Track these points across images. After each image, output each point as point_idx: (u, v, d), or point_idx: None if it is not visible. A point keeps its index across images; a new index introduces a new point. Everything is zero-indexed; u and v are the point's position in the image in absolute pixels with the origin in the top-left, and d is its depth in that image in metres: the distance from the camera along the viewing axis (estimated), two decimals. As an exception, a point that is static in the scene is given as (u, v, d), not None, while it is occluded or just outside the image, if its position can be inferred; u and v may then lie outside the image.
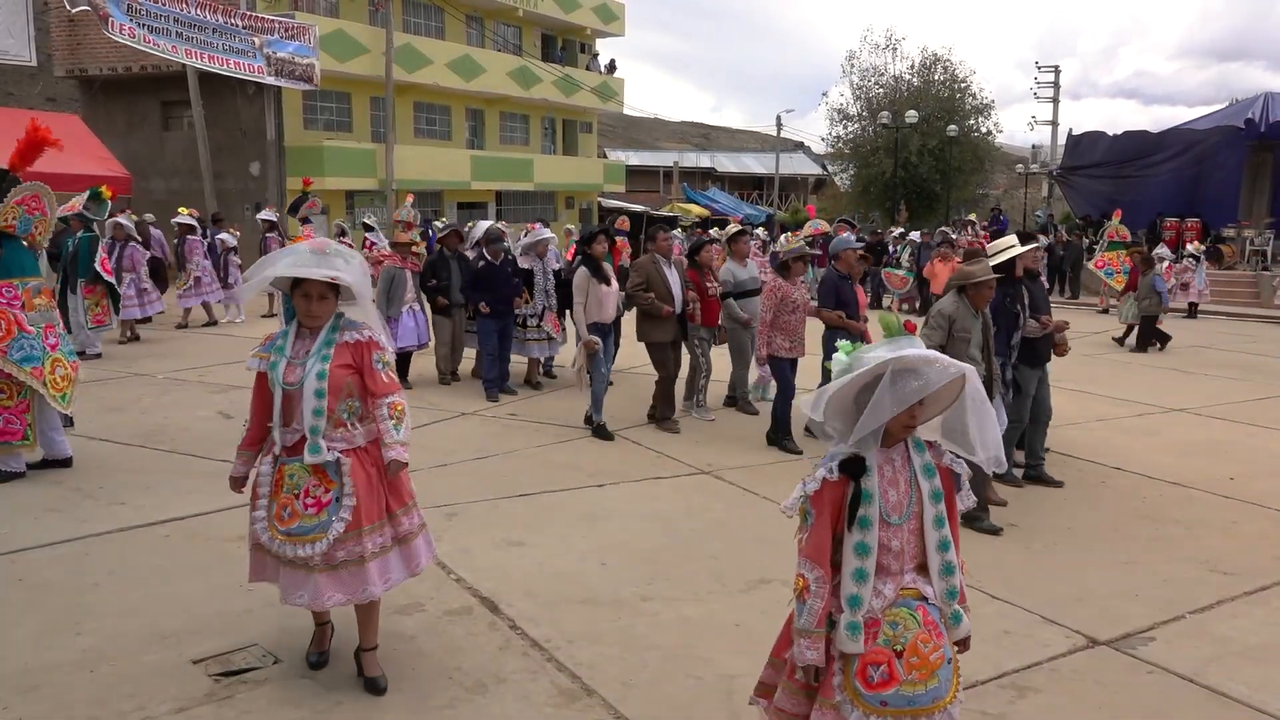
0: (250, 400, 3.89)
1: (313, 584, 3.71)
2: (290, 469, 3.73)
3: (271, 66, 20.21)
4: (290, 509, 3.70)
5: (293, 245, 3.82)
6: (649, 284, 8.24)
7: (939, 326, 5.96)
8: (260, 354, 3.82)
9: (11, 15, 14.87)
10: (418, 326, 10.11)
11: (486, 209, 29.00)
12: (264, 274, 3.69)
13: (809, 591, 2.87)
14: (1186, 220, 25.16)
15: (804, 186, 54.67)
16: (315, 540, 3.66)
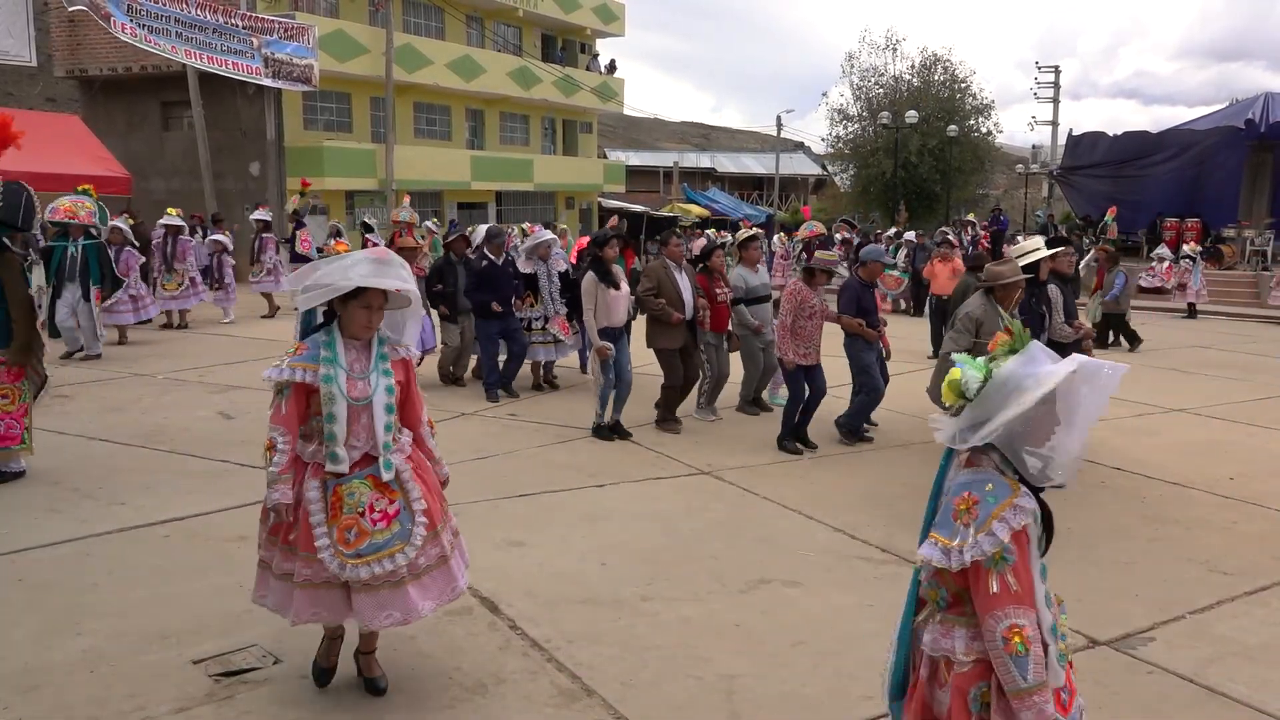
0: (276, 412, 3.60)
1: (403, 598, 3.61)
2: (349, 487, 3.56)
3: (270, 67, 20.21)
4: (356, 529, 3.54)
5: (353, 254, 3.64)
6: (659, 289, 8.16)
7: (966, 330, 5.87)
8: (301, 364, 3.57)
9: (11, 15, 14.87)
10: (423, 330, 9.98)
11: (486, 209, 29.00)
12: (334, 284, 3.50)
13: (1032, 640, 2.48)
14: (1186, 220, 25.17)
15: (804, 187, 54.67)
16: (395, 553, 3.57)
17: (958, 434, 2.62)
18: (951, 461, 2.73)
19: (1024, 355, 2.61)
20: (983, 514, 2.51)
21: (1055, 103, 47.80)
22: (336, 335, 3.62)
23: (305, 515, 3.56)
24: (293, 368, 3.56)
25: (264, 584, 3.75)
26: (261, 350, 12.38)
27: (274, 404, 3.61)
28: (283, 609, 3.69)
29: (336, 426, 3.54)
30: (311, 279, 3.55)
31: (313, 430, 3.61)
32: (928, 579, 2.70)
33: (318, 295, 3.55)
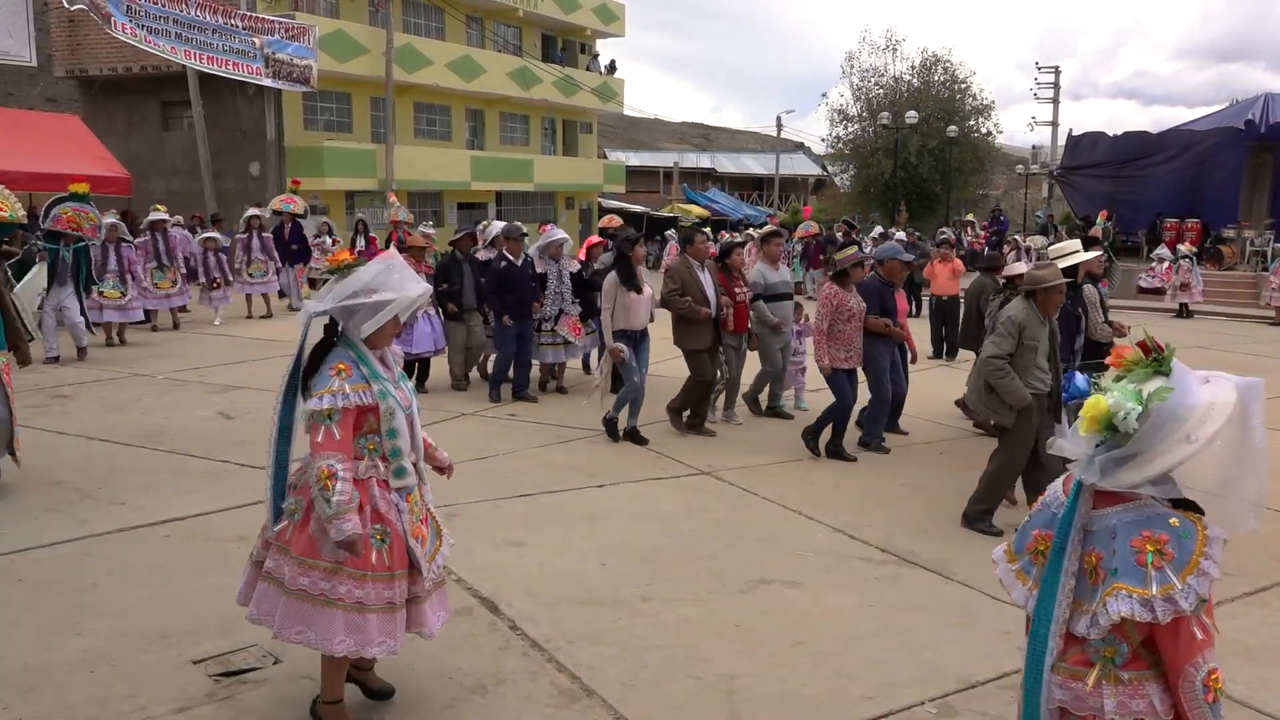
0: (327, 439, 3.32)
1: (444, 597, 3.71)
2: (412, 498, 3.54)
3: (270, 68, 20.22)
4: (421, 536, 3.55)
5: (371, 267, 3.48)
6: (684, 288, 8.02)
7: (1009, 334, 5.76)
8: (357, 386, 3.37)
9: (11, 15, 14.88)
10: (434, 331, 9.78)
11: (487, 209, 29.00)
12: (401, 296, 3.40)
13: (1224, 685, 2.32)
14: (1186, 221, 25.15)
15: (804, 187, 54.68)
16: (436, 554, 3.63)
17: (1109, 471, 2.34)
18: (1081, 498, 2.43)
19: (1178, 379, 2.33)
20: (1181, 554, 2.26)
21: (1055, 103, 47.78)
22: (361, 348, 3.45)
23: (396, 529, 3.45)
24: (355, 391, 3.36)
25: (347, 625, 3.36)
26: (261, 350, 12.38)
27: (320, 432, 3.32)
28: (370, 644, 3.38)
29: (401, 440, 3.45)
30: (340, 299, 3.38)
31: (359, 449, 3.44)
32: (1100, 636, 2.37)
33: (386, 314, 3.40)
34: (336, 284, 3.43)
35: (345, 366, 3.39)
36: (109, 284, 12.26)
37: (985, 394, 5.97)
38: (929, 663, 4.25)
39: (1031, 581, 2.56)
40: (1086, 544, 2.42)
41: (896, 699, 3.94)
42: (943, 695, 3.98)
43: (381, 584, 3.39)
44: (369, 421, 3.43)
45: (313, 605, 3.35)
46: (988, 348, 5.94)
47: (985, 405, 6.06)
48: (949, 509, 6.52)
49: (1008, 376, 5.77)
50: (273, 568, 3.46)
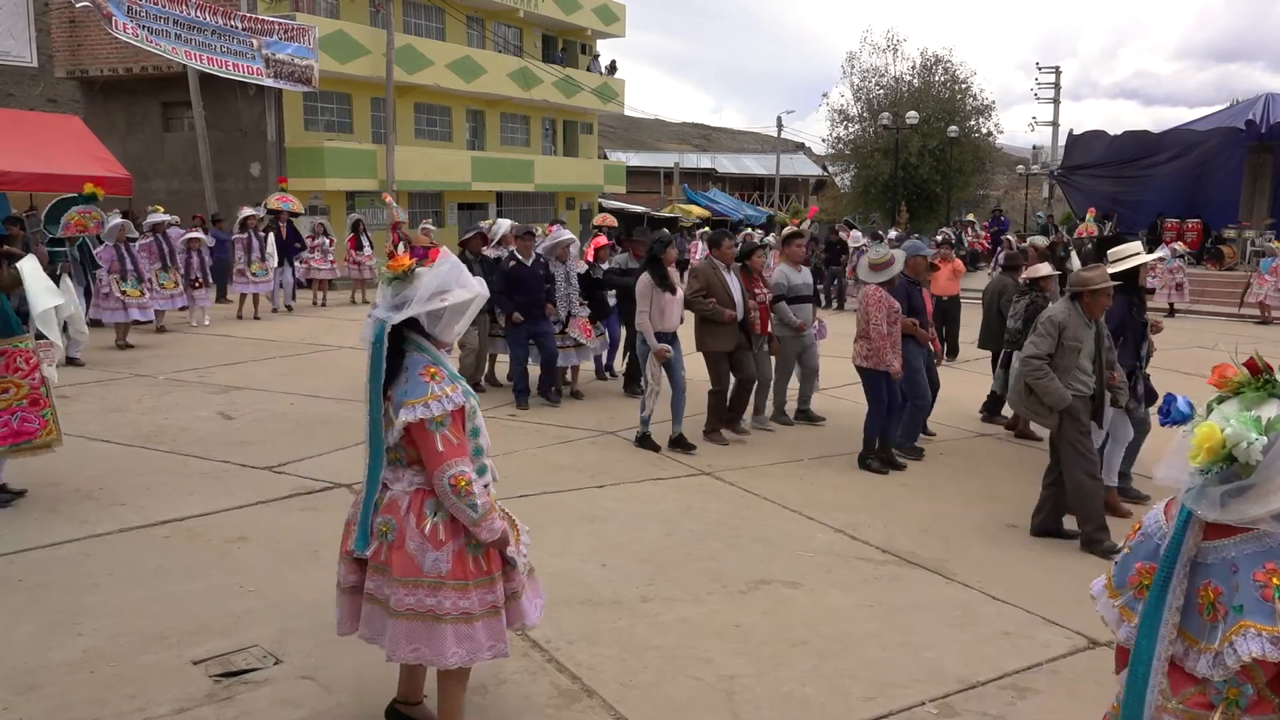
0: (448, 446, 3.22)
1: (535, 585, 3.70)
2: (493, 493, 3.47)
3: (270, 68, 20.21)
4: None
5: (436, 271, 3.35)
6: (708, 290, 7.89)
7: (1048, 334, 5.65)
8: (454, 386, 3.29)
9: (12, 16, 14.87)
10: None
11: (487, 210, 29.01)
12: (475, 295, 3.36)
13: None
14: (1187, 221, 25.16)
15: (804, 188, 54.68)
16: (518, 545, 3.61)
17: (1229, 504, 2.20)
18: (1190, 529, 2.29)
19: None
20: None
21: (1056, 103, 47.78)
22: (432, 348, 3.35)
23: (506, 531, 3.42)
24: (456, 391, 3.26)
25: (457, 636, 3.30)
26: (261, 351, 12.39)
27: (438, 439, 3.20)
28: (481, 651, 3.35)
29: (483, 439, 3.40)
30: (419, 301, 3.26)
31: None
32: (1224, 677, 2.22)
33: (475, 307, 3.39)
34: (404, 289, 3.27)
35: (435, 370, 3.25)
36: (130, 283, 12.32)
37: (1025, 395, 5.84)
38: (929, 663, 4.25)
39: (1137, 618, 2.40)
40: (1199, 577, 2.28)
41: (896, 699, 3.94)
42: (943, 696, 3.98)
43: (484, 589, 3.34)
44: None
45: (422, 623, 3.29)
46: (1027, 348, 5.81)
47: (1025, 406, 5.92)
48: (949, 509, 6.52)
49: (1046, 377, 5.65)
50: (374, 589, 3.41)
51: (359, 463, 7.48)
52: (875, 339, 7.25)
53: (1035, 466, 7.61)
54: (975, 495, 6.87)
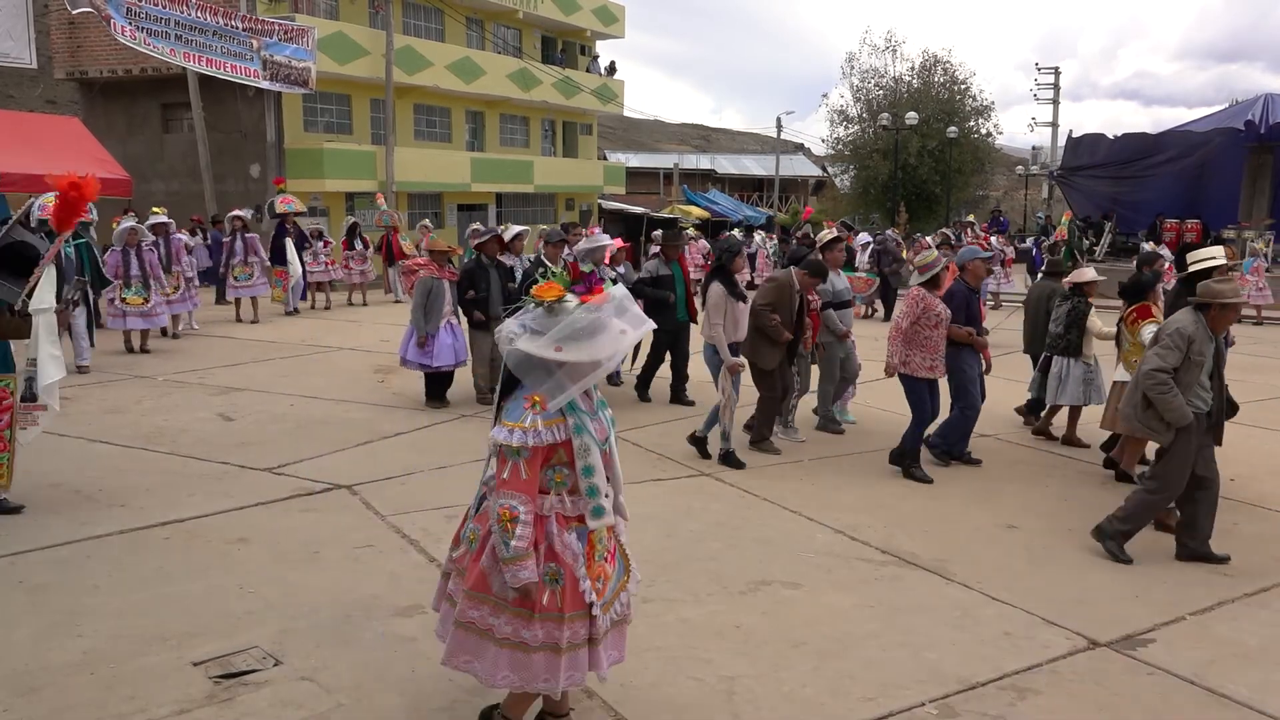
0: (514, 477, 3.14)
1: (621, 636, 3.51)
2: (598, 534, 3.31)
3: (269, 70, 20.21)
4: (603, 575, 3.34)
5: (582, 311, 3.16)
6: (777, 305, 7.58)
7: (1176, 347, 5.32)
8: (552, 420, 3.15)
9: (12, 18, 14.86)
10: (456, 342, 9.25)
11: (487, 211, 29.02)
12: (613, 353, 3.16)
13: None
14: (1187, 221, 25.18)
15: (804, 188, 54.71)
16: (620, 592, 3.43)
17: None
18: None
19: None
20: None
21: (1055, 104, 47.88)
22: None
23: (570, 572, 3.24)
24: (549, 427, 3.13)
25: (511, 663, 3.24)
26: (261, 352, 12.39)
27: (507, 467, 3.14)
28: (535, 681, 3.26)
29: (597, 478, 3.23)
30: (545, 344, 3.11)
31: (546, 482, 3.24)
32: None
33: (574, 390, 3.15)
34: (546, 319, 3.14)
35: (541, 399, 3.14)
36: (132, 290, 11.95)
37: (1142, 409, 5.49)
38: (929, 663, 4.25)
39: None
40: None
41: (897, 700, 3.94)
42: (943, 696, 3.98)
43: (550, 624, 3.22)
44: (559, 454, 3.21)
45: (479, 639, 3.28)
46: (1150, 360, 5.43)
47: (1140, 421, 5.55)
48: (949, 510, 6.52)
49: (1170, 392, 5.31)
50: (452, 590, 3.45)
51: (359, 464, 7.53)
52: (891, 335, 7.13)
53: (1036, 467, 7.62)
54: (975, 495, 6.87)
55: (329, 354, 12.49)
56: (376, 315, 16.90)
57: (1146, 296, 7.45)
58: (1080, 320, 8.11)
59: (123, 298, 11.88)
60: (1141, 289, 7.51)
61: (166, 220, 13.82)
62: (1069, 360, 8.15)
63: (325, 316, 16.55)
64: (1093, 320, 8.14)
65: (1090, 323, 8.12)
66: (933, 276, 7.25)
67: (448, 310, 9.21)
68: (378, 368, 11.45)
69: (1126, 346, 7.45)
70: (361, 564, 5.23)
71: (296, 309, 16.50)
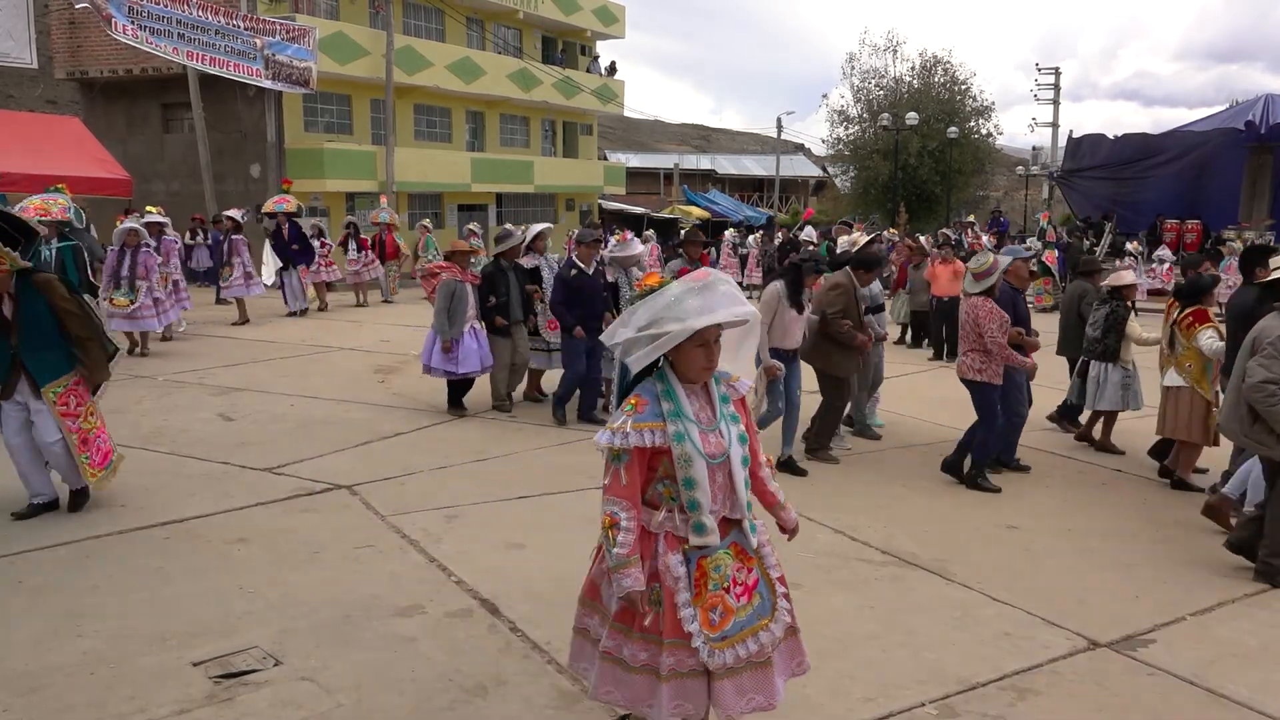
0: (614, 482, 3.03)
1: (766, 680, 3.14)
2: (714, 560, 3.10)
3: (270, 69, 20.22)
4: (721, 607, 3.08)
5: (670, 288, 3.03)
6: (846, 310, 7.38)
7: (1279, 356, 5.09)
8: (646, 424, 3.00)
9: (12, 18, 14.87)
10: (480, 348, 8.87)
11: (487, 211, 29.02)
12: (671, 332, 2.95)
13: None
14: (1187, 222, 25.18)
15: (804, 189, 54.72)
16: (758, 631, 3.13)
17: None
18: None
19: None
20: None
21: (1055, 104, 47.90)
22: (673, 381, 3.08)
23: (670, 596, 3.04)
24: (639, 430, 2.99)
25: (611, 678, 3.14)
26: (261, 352, 12.39)
27: (609, 472, 3.05)
28: (639, 704, 3.11)
29: (698, 492, 3.04)
30: (633, 330, 3.01)
31: (657, 496, 3.09)
32: None
33: (657, 349, 2.99)
34: (640, 308, 3.05)
35: (640, 401, 3.04)
36: (120, 291, 11.67)
37: (1249, 423, 5.27)
38: (929, 664, 4.25)
39: None
40: None
41: (897, 700, 3.94)
42: (943, 697, 3.97)
43: (652, 646, 3.06)
44: (665, 464, 3.06)
45: (591, 645, 3.24)
46: (1256, 371, 5.15)
47: (1249, 436, 5.31)
48: (949, 510, 6.52)
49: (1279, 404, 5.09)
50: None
51: (359, 464, 7.53)
52: (995, 351, 6.85)
53: (1036, 467, 7.61)
54: (975, 496, 6.87)
55: (329, 354, 12.49)
56: (376, 315, 16.90)
57: (1204, 300, 7.12)
58: (1119, 325, 7.94)
59: (111, 299, 11.62)
60: (1199, 291, 7.16)
61: (161, 220, 13.61)
62: (1107, 365, 7.97)
63: (325, 316, 16.55)
64: (1132, 325, 7.96)
65: (1129, 328, 7.94)
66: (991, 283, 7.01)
67: (471, 314, 8.87)
68: (378, 368, 11.45)
69: (1181, 351, 7.10)
70: (361, 564, 5.23)
71: (295, 311, 16.28)
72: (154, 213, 13.79)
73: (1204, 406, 6.96)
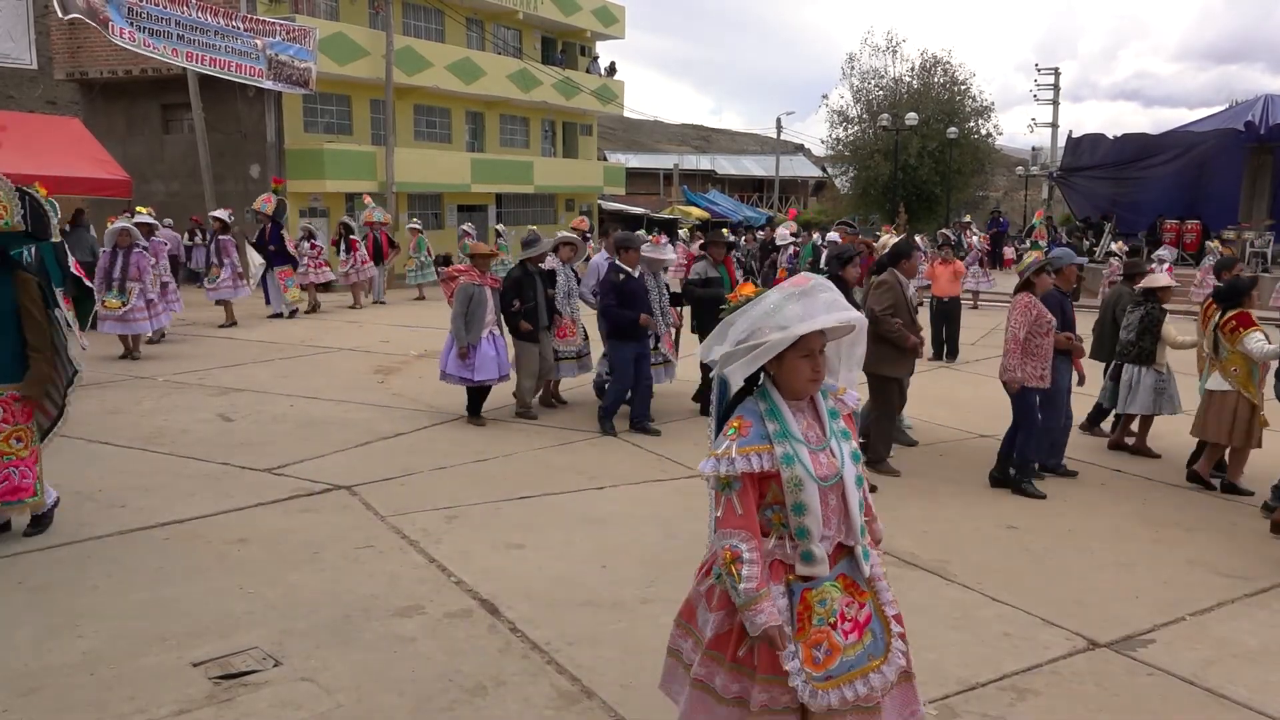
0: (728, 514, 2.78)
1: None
2: (820, 592, 2.82)
3: (271, 70, 20.23)
4: (827, 644, 2.80)
5: (768, 296, 2.83)
6: (897, 309, 7.19)
7: None
8: (753, 447, 2.76)
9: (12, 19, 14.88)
10: (499, 355, 8.58)
11: (487, 212, 29.02)
12: (770, 341, 2.73)
13: None
14: (1186, 222, 25.19)
15: (804, 189, 54.74)
16: (869, 672, 2.85)
17: None
18: None
19: None
20: None
21: (1055, 105, 47.89)
22: (776, 399, 2.84)
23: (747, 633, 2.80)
24: (745, 454, 2.74)
25: (703, 708, 2.92)
26: (261, 353, 12.39)
27: (720, 503, 2.81)
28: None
29: (809, 518, 2.78)
30: (730, 343, 2.82)
31: (765, 522, 2.84)
32: None
33: (757, 358, 2.77)
34: (737, 319, 2.86)
35: (744, 423, 2.80)
36: (112, 293, 11.58)
37: None
38: (929, 664, 4.25)
39: None
40: None
41: (897, 701, 3.93)
42: (943, 697, 3.97)
43: (744, 679, 2.84)
44: (772, 489, 2.81)
45: (682, 667, 3.06)
46: None
47: None
48: (948, 511, 6.52)
49: None
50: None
51: (359, 464, 7.53)
52: (1009, 346, 6.75)
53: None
54: (975, 496, 6.87)
55: (329, 355, 12.49)
56: (376, 316, 16.90)
57: (1243, 302, 6.95)
58: (1154, 327, 7.83)
59: (103, 301, 11.48)
60: (1238, 294, 6.99)
61: (151, 221, 13.39)
62: (1140, 368, 7.86)
63: (324, 317, 16.55)
64: (1168, 328, 7.86)
65: (1165, 330, 7.83)
66: (1030, 281, 6.88)
67: (490, 319, 8.56)
68: (377, 368, 11.45)
69: (1225, 355, 6.93)
70: (361, 564, 5.23)
71: (279, 313, 16.02)
72: (143, 213, 13.53)
73: (1249, 410, 6.87)
